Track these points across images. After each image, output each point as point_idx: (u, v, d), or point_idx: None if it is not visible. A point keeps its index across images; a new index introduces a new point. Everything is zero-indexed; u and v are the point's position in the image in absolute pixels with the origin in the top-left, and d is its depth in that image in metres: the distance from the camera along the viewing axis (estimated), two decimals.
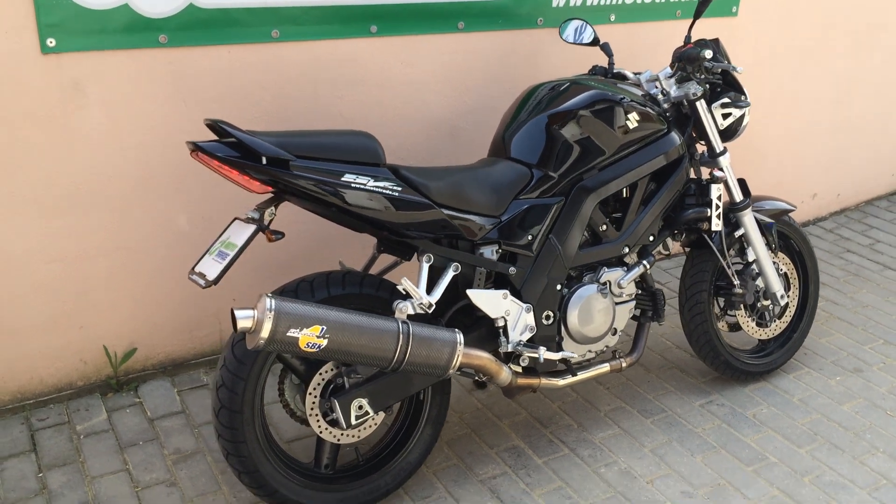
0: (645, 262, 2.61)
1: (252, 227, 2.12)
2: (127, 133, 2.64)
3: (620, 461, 2.64)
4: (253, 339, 1.96)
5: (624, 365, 2.68)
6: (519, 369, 2.47)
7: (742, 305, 2.93)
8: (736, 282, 2.85)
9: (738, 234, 2.84)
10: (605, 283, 2.56)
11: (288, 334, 1.95)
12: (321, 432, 2.29)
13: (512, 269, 2.41)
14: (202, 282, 2.11)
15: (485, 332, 2.43)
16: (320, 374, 2.26)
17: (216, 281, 2.08)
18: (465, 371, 2.35)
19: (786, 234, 3.04)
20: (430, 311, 2.23)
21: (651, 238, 2.63)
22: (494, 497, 2.48)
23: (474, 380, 2.52)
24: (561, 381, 2.55)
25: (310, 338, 1.98)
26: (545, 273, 2.45)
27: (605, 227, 2.55)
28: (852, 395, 3.02)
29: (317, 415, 2.27)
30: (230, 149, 2.08)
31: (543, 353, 2.36)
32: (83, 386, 2.87)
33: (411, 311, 2.20)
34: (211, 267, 2.13)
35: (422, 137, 3.12)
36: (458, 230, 2.30)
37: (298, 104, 2.86)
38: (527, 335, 2.43)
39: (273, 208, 2.18)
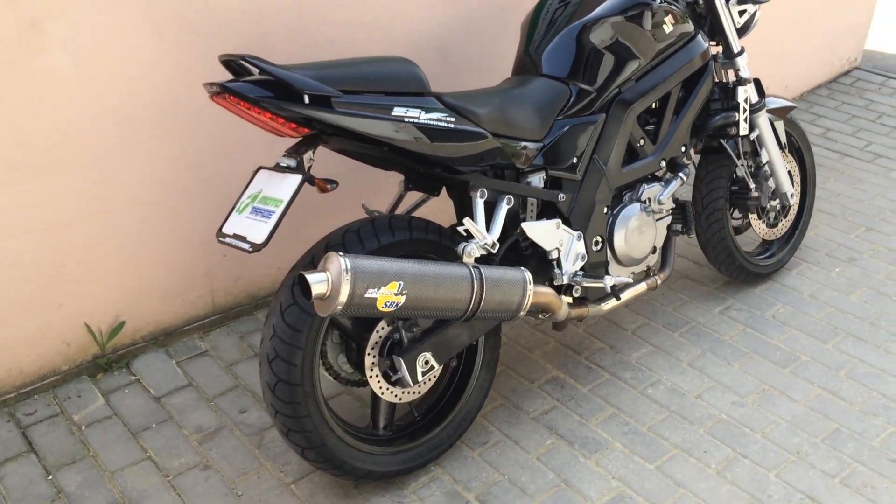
0: (681, 174, 2.51)
1: (296, 178, 1.85)
2: (96, 77, 2.26)
3: (664, 379, 2.59)
4: (328, 306, 1.73)
5: (659, 282, 2.59)
6: (570, 300, 2.34)
7: (756, 208, 2.90)
8: (752, 185, 2.80)
9: (753, 135, 2.77)
10: (645, 201, 2.44)
11: (366, 296, 1.73)
12: (382, 393, 2.10)
13: (561, 196, 2.25)
14: (246, 246, 1.84)
15: (534, 265, 2.27)
16: (377, 331, 2.05)
17: (265, 244, 1.81)
18: (530, 311, 2.20)
19: (787, 132, 3.00)
20: (494, 252, 2.05)
21: (682, 149, 2.52)
22: (553, 433, 2.38)
23: None
24: (606, 307, 2.45)
25: (388, 296, 1.77)
26: (592, 196, 2.30)
27: (642, 141, 2.41)
28: (855, 285, 3.07)
29: (377, 376, 2.07)
30: (260, 88, 1.79)
31: (609, 281, 2.22)
32: (69, 370, 2.54)
33: (478, 254, 2.01)
34: (252, 227, 1.86)
35: (414, 59, 2.84)
36: (511, 159, 2.10)
37: (283, 31, 2.53)
38: (578, 264, 2.29)
39: (311, 153, 1.91)
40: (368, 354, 2.05)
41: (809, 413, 2.46)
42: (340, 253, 1.73)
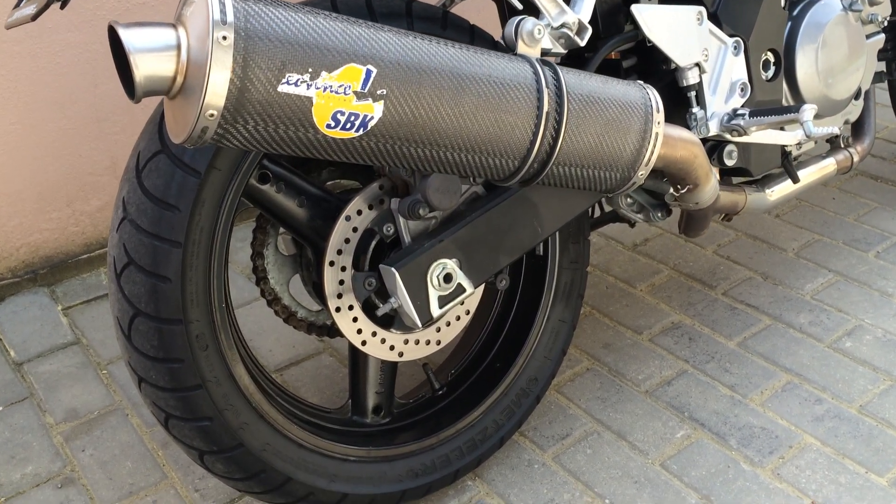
0: None
1: None
2: None
3: (867, 324, 1.52)
4: (184, 117, 0.70)
5: (855, 159, 1.51)
6: (717, 172, 1.28)
7: None
8: None
9: None
10: None
11: (282, 89, 0.70)
12: (364, 343, 1.07)
13: None
14: (29, 9, 0.83)
15: None
16: (346, 217, 1.03)
17: None
18: (646, 189, 1.15)
19: None
20: (582, 45, 0.99)
21: None
22: (686, 418, 1.33)
23: None
24: (773, 195, 1.38)
25: (340, 100, 0.73)
26: None
27: None
28: None
29: (350, 307, 1.05)
30: None
31: (817, 128, 1.10)
32: None
33: (549, 44, 0.96)
34: None
35: None
36: None
37: None
38: (737, 100, 1.22)
39: None
40: (331, 265, 1.03)
41: None
42: None
